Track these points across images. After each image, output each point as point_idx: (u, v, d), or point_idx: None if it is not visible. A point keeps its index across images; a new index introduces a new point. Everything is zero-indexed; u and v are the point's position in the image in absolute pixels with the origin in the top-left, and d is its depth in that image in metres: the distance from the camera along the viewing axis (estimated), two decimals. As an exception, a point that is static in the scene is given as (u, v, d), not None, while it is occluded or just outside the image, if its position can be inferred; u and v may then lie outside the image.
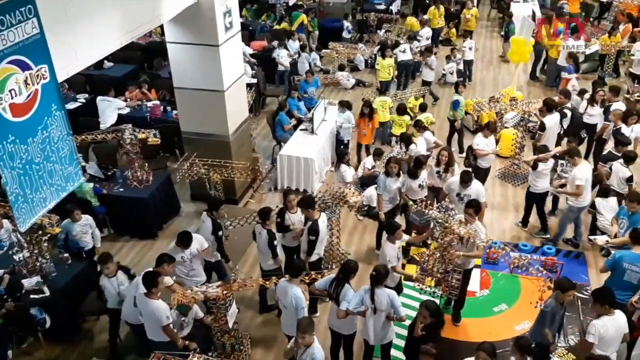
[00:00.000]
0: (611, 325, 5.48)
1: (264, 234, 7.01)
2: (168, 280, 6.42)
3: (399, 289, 7.04)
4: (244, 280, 6.27)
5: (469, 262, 6.93)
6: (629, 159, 8.27)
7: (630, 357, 5.89)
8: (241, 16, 15.07)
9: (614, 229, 7.70)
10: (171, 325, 5.97)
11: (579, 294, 7.68)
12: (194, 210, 9.68)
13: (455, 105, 10.96)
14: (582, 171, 8.04)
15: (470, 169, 8.25)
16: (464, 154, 10.37)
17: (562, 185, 8.53)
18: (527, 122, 10.32)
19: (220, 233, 7.23)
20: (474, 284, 7.79)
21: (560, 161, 8.86)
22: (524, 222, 9.17)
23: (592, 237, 8.14)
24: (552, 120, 9.52)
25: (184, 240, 6.76)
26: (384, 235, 7.09)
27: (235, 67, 9.32)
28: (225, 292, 6.03)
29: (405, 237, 7.14)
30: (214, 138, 9.23)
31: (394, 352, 6.52)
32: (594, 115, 10.19)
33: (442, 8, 16.34)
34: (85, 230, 7.71)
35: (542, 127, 9.52)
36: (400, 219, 8.25)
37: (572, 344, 6.97)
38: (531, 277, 6.35)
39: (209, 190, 9.07)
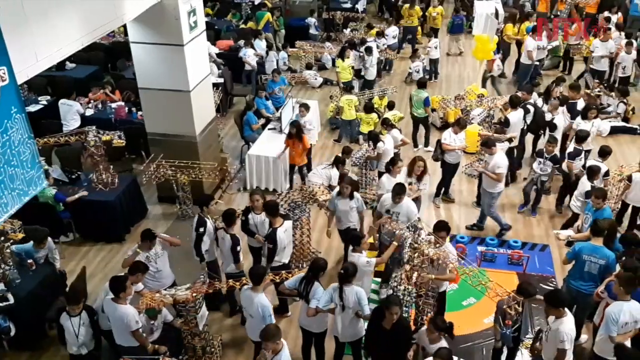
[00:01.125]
0: (572, 326, 5.57)
1: (228, 239, 6.88)
2: (139, 286, 6.32)
3: None
4: (213, 282, 6.23)
5: (441, 285, 6.74)
6: (604, 154, 8.50)
7: (595, 342, 6.05)
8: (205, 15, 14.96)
9: (577, 224, 7.91)
10: (140, 330, 5.89)
11: (544, 286, 7.87)
12: (162, 213, 9.58)
13: (427, 102, 11.09)
14: (503, 159, 8.41)
15: (404, 184, 7.75)
16: (432, 148, 10.50)
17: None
18: (492, 118, 10.47)
19: (201, 229, 7.05)
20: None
21: (539, 159, 9.02)
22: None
23: (555, 232, 8.35)
24: (516, 116, 9.70)
25: (147, 238, 6.65)
26: (350, 247, 6.74)
27: (201, 66, 9.24)
28: (194, 294, 5.98)
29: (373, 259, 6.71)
30: (180, 139, 9.12)
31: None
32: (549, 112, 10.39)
33: (417, 7, 16.40)
34: (46, 253, 7.41)
35: (507, 122, 9.69)
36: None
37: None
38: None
39: (176, 192, 9.00)
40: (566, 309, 5.63)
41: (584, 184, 8.16)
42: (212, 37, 14.35)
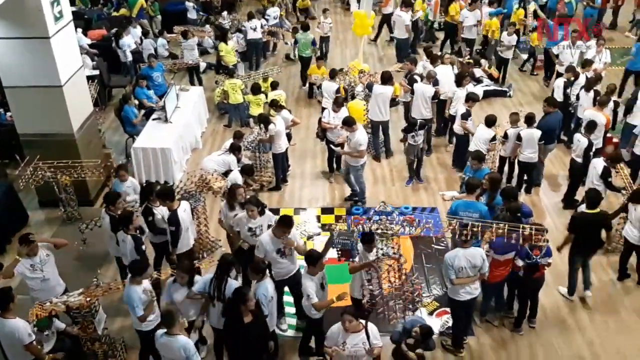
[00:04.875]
0: None
1: (129, 240, 6.55)
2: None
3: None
4: (108, 284, 5.99)
5: None
6: (490, 123, 9.03)
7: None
8: (74, 4, 14.13)
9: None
10: (34, 342, 5.56)
11: (436, 246, 8.33)
12: (45, 218, 9.03)
13: (314, 43, 13.07)
14: (364, 136, 8.77)
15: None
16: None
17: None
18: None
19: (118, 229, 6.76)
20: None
21: (409, 134, 9.35)
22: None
23: (441, 193, 8.85)
24: (379, 90, 10.05)
25: (24, 243, 6.20)
26: (304, 268, 6.13)
27: (72, 59, 8.74)
28: (89, 299, 5.72)
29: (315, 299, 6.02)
30: (57, 137, 8.63)
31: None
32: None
33: None
34: None
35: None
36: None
37: (435, 293, 7.54)
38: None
39: (59, 195, 8.52)
40: None
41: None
42: (82, 28, 13.56)
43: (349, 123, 8.70)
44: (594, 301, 7.41)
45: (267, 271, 6.08)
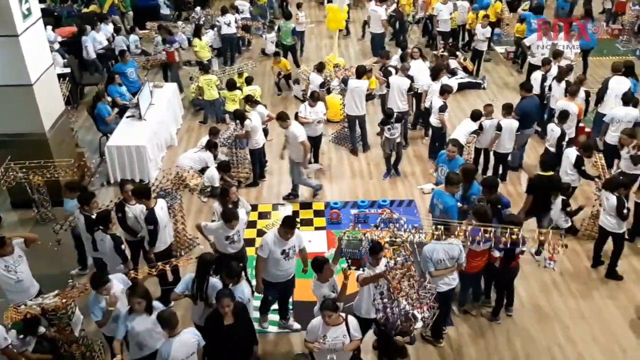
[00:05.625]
0: None
1: (108, 240, 6.44)
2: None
3: None
4: (84, 285, 5.89)
5: None
6: (475, 117, 9.13)
7: None
8: (43, 1, 13.85)
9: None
10: (10, 346, 5.45)
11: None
12: (18, 219, 8.87)
13: (294, 32, 13.54)
14: (299, 129, 8.74)
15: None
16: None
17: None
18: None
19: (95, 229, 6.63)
20: (321, 245, 8.15)
21: (386, 127, 9.35)
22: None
23: (419, 187, 8.88)
24: (353, 84, 10.08)
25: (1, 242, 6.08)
26: (314, 276, 6.08)
27: (42, 57, 8.58)
28: (64, 300, 5.63)
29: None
30: (28, 137, 8.46)
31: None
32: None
33: None
34: None
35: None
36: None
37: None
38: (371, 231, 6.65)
39: (32, 195, 8.36)
40: None
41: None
42: (52, 25, 13.30)
43: (281, 118, 8.73)
44: (569, 288, 7.54)
45: (243, 274, 6.04)
